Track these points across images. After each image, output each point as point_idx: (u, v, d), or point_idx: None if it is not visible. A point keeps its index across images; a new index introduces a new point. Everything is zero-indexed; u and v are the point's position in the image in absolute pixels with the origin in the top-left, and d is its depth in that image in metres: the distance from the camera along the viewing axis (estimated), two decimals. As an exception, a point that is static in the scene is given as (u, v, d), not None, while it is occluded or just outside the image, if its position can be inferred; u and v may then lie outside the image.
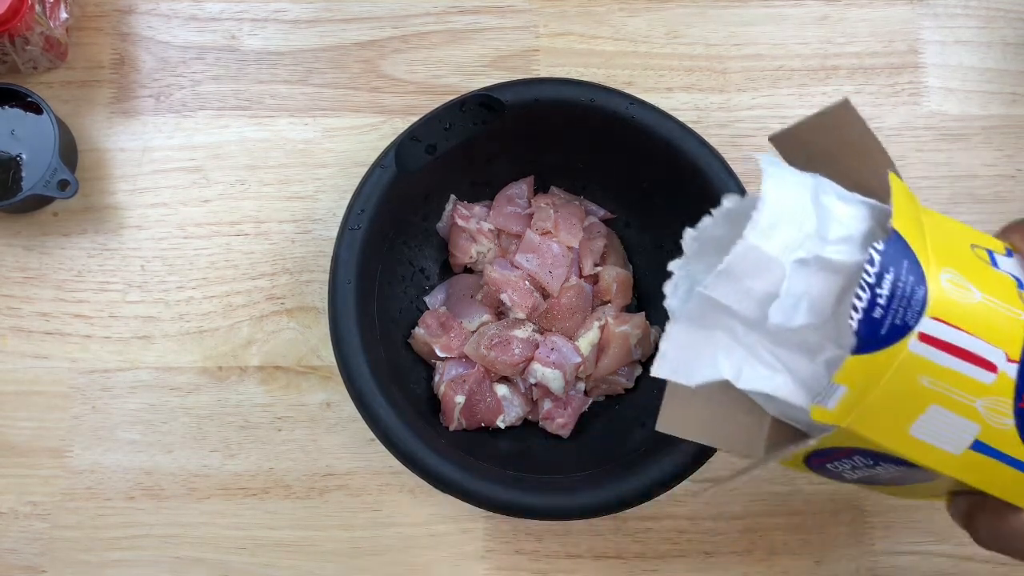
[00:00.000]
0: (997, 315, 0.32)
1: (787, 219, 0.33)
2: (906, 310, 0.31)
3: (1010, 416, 0.32)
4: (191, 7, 0.61)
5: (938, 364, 0.32)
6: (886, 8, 0.62)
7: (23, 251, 0.58)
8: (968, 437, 0.32)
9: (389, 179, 0.51)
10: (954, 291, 0.32)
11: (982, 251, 0.34)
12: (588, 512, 0.49)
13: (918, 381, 0.32)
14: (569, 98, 0.52)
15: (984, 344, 0.32)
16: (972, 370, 0.32)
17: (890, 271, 0.31)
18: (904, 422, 0.32)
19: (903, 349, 0.31)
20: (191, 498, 0.56)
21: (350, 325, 0.49)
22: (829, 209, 0.34)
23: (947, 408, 0.32)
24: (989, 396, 0.32)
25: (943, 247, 0.33)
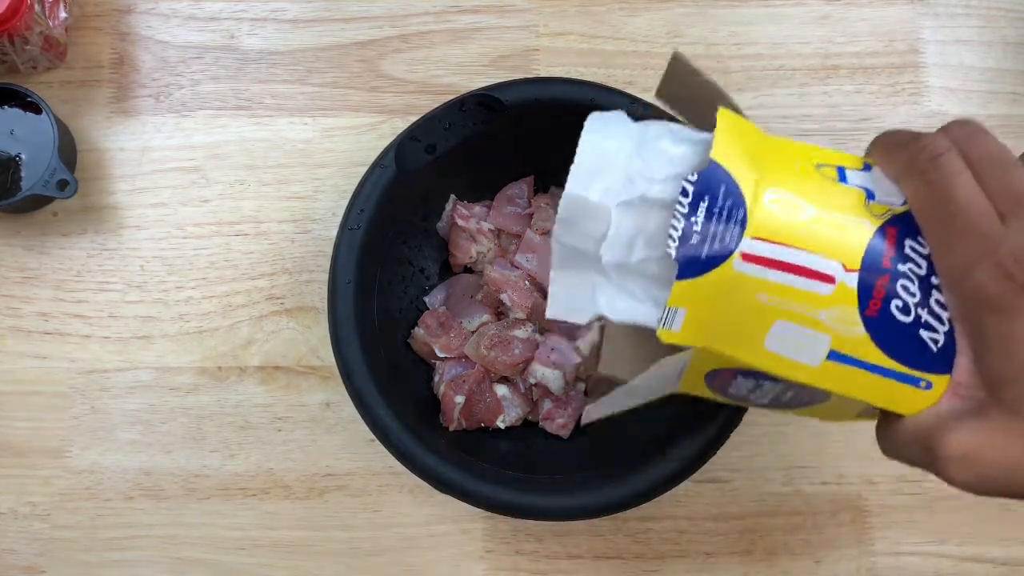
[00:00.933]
0: (833, 227, 0.33)
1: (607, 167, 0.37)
2: (725, 232, 0.33)
3: (859, 324, 0.33)
4: (190, 7, 0.61)
5: (771, 281, 0.33)
6: (887, 8, 0.62)
7: (22, 251, 0.58)
8: (822, 348, 0.33)
9: (389, 179, 0.51)
10: (780, 209, 0.33)
11: (831, 169, 0.35)
12: (588, 512, 0.49)
13: (756, 298, 0.33)
14: (569, 98, 0.52)
15: (816, 257, 0.33)
16: (807, 283, 0.33)
17: (705, 199, 0.33)
18: (756, 338, 0.34)
19: (728, 269, 0.33)
20: (191, 498, 0.56)
21: (350, 325, 0.49)
22: (663, 151, 0.37)
23: (792, 322, 0.33)
24: (831, 307, 0.33)
25: (778, 169, 0.35)
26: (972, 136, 0.33)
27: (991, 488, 0.31)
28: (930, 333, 0.32)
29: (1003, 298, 0.30)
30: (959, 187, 0.32)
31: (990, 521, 0.56)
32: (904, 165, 0.34)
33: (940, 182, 0.32)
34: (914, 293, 0.33)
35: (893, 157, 0.34)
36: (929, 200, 0.33)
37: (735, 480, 0.56)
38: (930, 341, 0.32)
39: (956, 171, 0.32)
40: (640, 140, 0.37)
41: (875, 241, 0.33)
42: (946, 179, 0.32)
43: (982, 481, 0.31)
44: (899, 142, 0.34)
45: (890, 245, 0.33)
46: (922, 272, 0.33)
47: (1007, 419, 0.31)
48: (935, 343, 0.32)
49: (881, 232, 0.33)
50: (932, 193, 0.32)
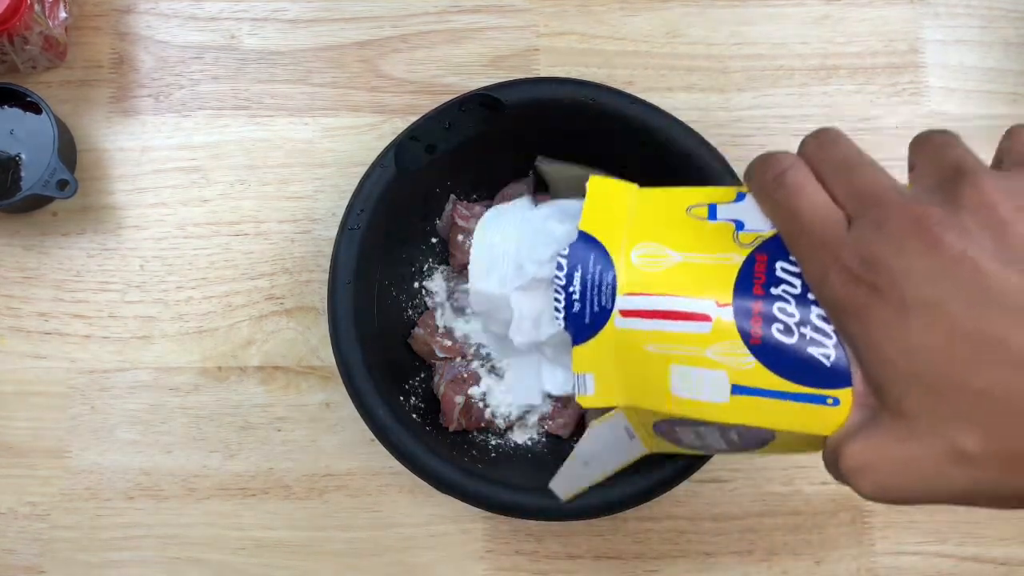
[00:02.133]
0: (699, 269, 0.35)
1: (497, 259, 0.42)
2: (600, 295, 0.36)
3: (747, 354, 0.33)
4: (190, 7, 0.61)
5: (652, 330, 0.35)
6: (887, 8, 0.62)
7: (22, 251, 0.58)
8: (723, 383, 0.34)
9: (389, 179, 0.51)
10: (646, 263, 0.36)
11: (702, 208, 0.36)
12: (588, 513, 0.49)
13: (645, 349, 0.35)
14: (569, 97, 0.52)
15: (686, 299, 0.34)
16: (685, 326, 0.34)
17: (578, 268, 0.36)
18: (661, 386, 0.35)
19: (612, 328, 0.35)
20: (190, 498, 0.56)
21: (349, 325, 0.49)
22: (549, 231, 0.41)
23: (684, 364, 0.34)
24: (716, 343, 0.34)
25: (647, 223, 0.37)
26: (822, 145, 0.33)
27: (894, 496, 0.30)
28: (819, 349, 0.32)
29: (855, 302, 0.30)
30: (802, 200, 0.32)
31: (990, 521, 0.56)
32: (756, 188, 0.34)
33: (784, 199, 0.32)
34: (792, 313, 0.33)
35: (750, 181, 0.35)
36: (780, 219, 0.33)
37: (735, 480, 0.57)
38: (822, 357, 0.32)
39: (800, 185, 0.32)
40: (530, 225, 0.42)
41: (744, 271, 0.34)
42: (790, 195, 0.32)
43: (883, 490, 0.30)
44: (755, 164, 0.35)
45: (760, 271, 0.34)
46: (797, 291, 0.33)
47: (894, 424, 0.29)
48: (827, 358, 0.32)
49: (750, 261, 0.34)
50: (780, 211, 0.33)
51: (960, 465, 0.28)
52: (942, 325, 0.28)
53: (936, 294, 0.28)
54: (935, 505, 0.56)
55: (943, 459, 0.28)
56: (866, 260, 0.29)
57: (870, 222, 0.30)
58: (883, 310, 0.29)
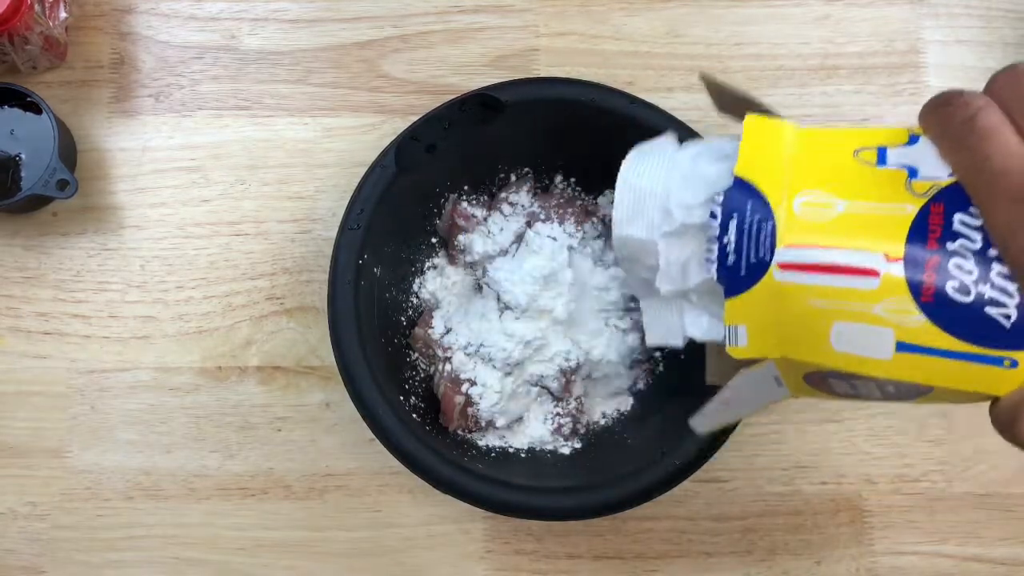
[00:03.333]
0: (867, 220, 0.33)
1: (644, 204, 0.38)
2: (758, 246, 0.34)
3: (917, 312, 0.32)
4: (191, 6, 0.61)
5: (815, 285, 0.33)
6: (887, 8, 0.62)
7: (22, 251, 0.58)
8: (888, 341, 0.32)
9: (389, 179, 0.51)
10: (810, 212, 0.33)
11: (870, 152, 0.34)
12: (588, 512, 0.49)
13: (808, 303, 0.33)
14: (569, 97, 0.52)
15: (853, 253, 0.32)
16: (851, 281, 0.32)
17: (734, 217, 0.34)
18: (822, 340, 0.33)
19: (770, 281, 0.33)
20: (190, 498, 0.56)
21: (349, 325, 0.49)
22: (700, 173, 0.37)
23: (849, 321, 0.33)
24: (883, 299, 0.32)
25: (811, 168, 0.34)
26: (1015, 84, 0.30)
27: None
28: (998, 309, 0.30)
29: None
30: (995, 147, 0.29)
31: (990, 521, 0.56)
32: (939, 131, 0.31)
33: (975, 145, 0.29)
34: (970, 271, 0.31)
35: (930, 123, 0.32)
36: (967, 167, 0.30)
37: (735, 480, 0.57)
38: (1001, 317, 0.30)
39: (992, 129, 0.29)
40: (677, 166, 0.38)
41: (917, 223, 0.32)
42: (981, 141, 0.29)
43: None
44: (936, 105, 0.31)
45: (936, 224, 0.31)
46: (976, 246, 0.31)
47: None
48: (1007, 319, 0.30)
49: (924, 212, 0.32)
50: (968, 158, 0.30)
51: None
52: None
53: None
54: (935, 505, 0.57)
55: None
56: None
57: None
58: None
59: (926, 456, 0.57)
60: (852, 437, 0.57)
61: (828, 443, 0.57)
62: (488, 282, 0.55)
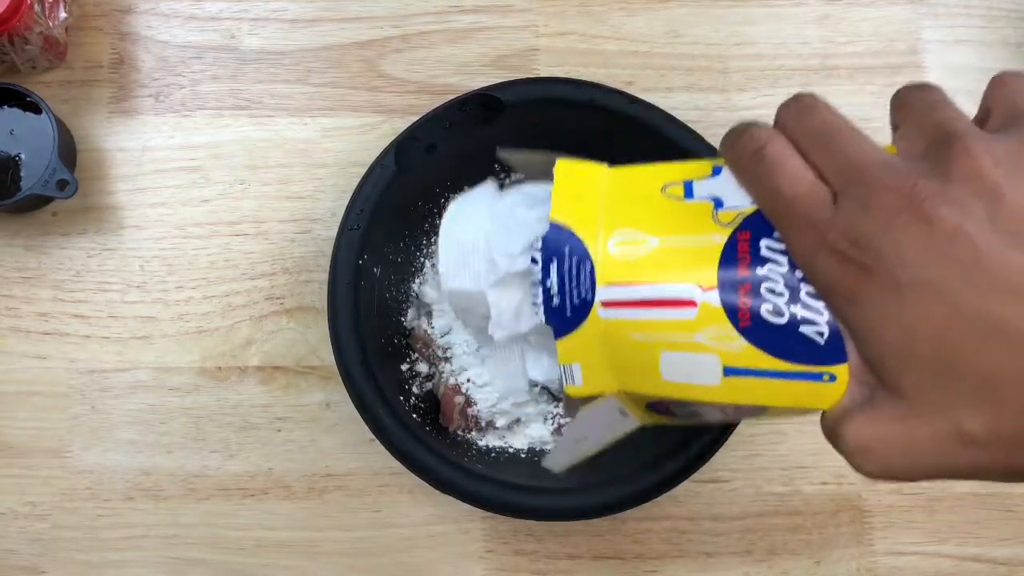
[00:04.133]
0: (680, 252, 0.34)
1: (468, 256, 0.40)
2: (579, 287, 0.35)
3: (738, 337, 0.32)
4: (190, 6, 0.61)
5: (636, 319, 0.34)
6: (887, 8, 0.62)
7: (22, 251, 0.58)
8: (715, 367, 0.33)
9: (389, 179, 0.51)
10: (625, 250, 0.34)
11: (677, 187, 0.35)
12: (588, 512, 0.49)
13: (633, 337, 0.34)
14: (569, 97, 0.52)
15: (668, 286, 0.33)
16: (671, 313, 0.33)
17: (553, 261, 0.35)
18: (652, 372, 0.34)
19: (595, 319, 0.34)
20: (190, 499, 0.56)
21: (349, 325, 0.49)
22: (519, 219, 0.39)
23: (674, 351, 0.33)
24: (703, 328, 0.33)
25: (623, 207, 0.35)
26: (799, 114, 0.31)
27: (898, 475, 0.29)
28: (811, 327, 0.31)
29: (846, 284, 0.28)
30: (782, 178, 0.30)
31: (990, 521, 0.56)
32: (733, 164, 0.32)
33: (764, 176, 0.30)
34: (781, 293, 0.32)
35: (727, 156, 0.33)
36: (761, 197, 0.31)
37: (735, 480, 0.57)
38: (814, 335, 0.31)
39: (779, 160, 0.30)
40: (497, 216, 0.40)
41: (727, 252, 0.33)
42: (768, 171, 0.30)
43: (888, 470, 0.29)
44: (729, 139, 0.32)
45: (744, 251, 0.33)
46: (784, 269, 0.32)
47: (894, 402, 0.28)
48: (820, 336, 0.31)
49: (732, 241, 0.33)
50: (761, 189, 0.31)
51: (966, 446, 0.27)
52: (940, 306, 0.27)
53: (931, 274, 0.27)
54: (935, 505, 0.57)
55: (947, 440, 0.27)
56: (855, 241, 0.28)
57: (856, 199, 0.28)
58: (876, 291, 0.28)
59: (926, 456, 0.57)
60: (852, 437, 0.57)
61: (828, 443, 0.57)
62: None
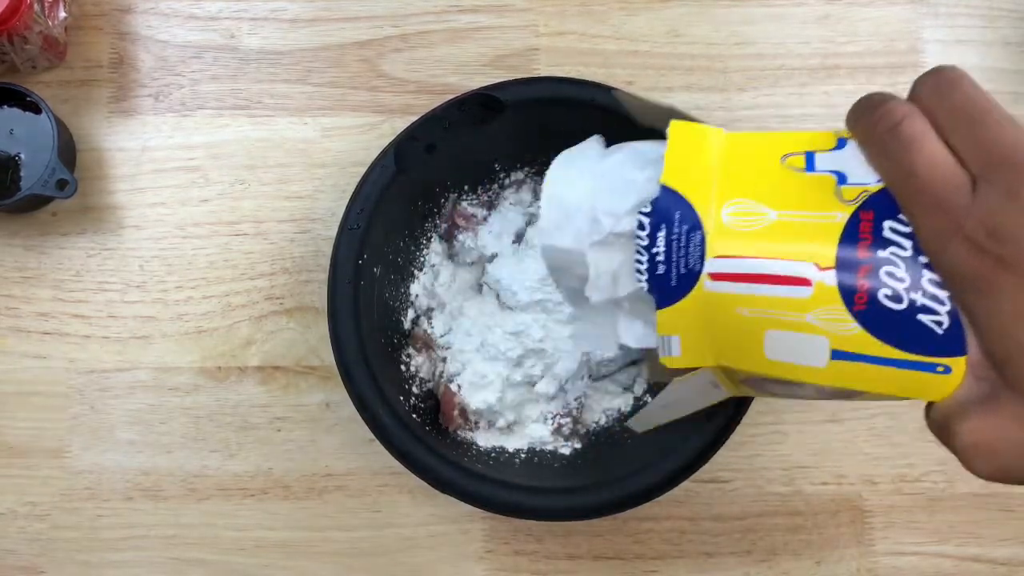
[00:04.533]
0: (798, 228, 0.32)
1: (571, 214, 0.37)
2: (687, 257, 0.33)
3: (851, 320, 0.31)
4: (190, 6, 0.61)
5: (746, 294, 0.32)
6: (887, 7, 0.62)
7: (22, 251, 0.58)
8: (823, 349, 0.32)
9: (388, 179, 0.51)
10: (738, 222, 0.33)
11: (798, 158, 0.33)
12: (588, 512, 0.49)
13: (741, 313, 0.33)
14: (569, 97, 0.52)
15: (784, 263, 0.32)
16: (783, 290, 0.32)
17: (662, 228, 0.34)
18: (755, 349, 0.33)
19: (700, 292, 0.33)
20: (190, 499, 0.56)
21: (349, 325, 0.49)
22: (627, 179, 0.36)
23: (781, 329, 0.32)
24: (816, 308, 0.32)
25: (739, 175, 0.34)
26: (940, 90, 0.29)
27: (1016, 477, 0.28)
28: (930, 316, 0.30)
29: (980, 275, 0.27)
30: (919, 157, 0.28)
31: (990, 521, 0.56)
32: (865, 138, 0.31)
33: (899, 154, 0.29)
34: (902, 278, 0.30)
35: (856, 129, 0.31)
36: (893, 175, 0.30)
37: (735, 480, 0.56)
38: (933, 324, 0.30)
39: (916, 138, 0.29)
40: (604, 173, 0.37)
41: (848, 231, 0.31)
42: (905, 149, 0.29)
43: (1004, 472, 0.28)
44: (862, 110, 0.31)
45: (866, 231, 0.31)
46: (907, 253, 0.30)
47: (1016, 402, 0.27)
48: (939, 325, 0.30)
49: (854, 220, 0.31)
50: (894, 167, 0.29)
51: None
52: None
53: None
54: (936, 505, 0.56)
55: None
56: (993, 231, 0.27)
57: (1000, 188, 0.27)
58: (1012, 286, 0.27)
59: (927, 456, 0.57)
60: (852, 437, 0.57)
61: (828, 443, 0.57)
62: (488, 282, 0.55)
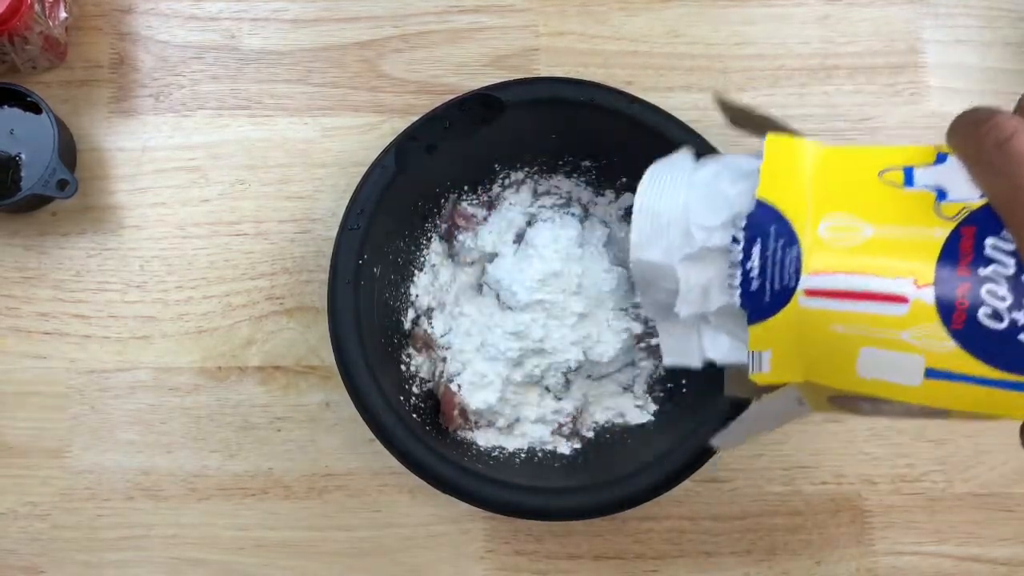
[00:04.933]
0: (897, 244, 0.32)
1: (663, 226, 0.36)
2: (783, 272, 0.33)
3: (948, 339, 0.31)
4: (190, 6, 0.61)
5: (841, 311, 0.32)
6: (887, 8, 0.62)
7: (22, 251, 0.58)
8: (917, 367, 0.31)
9: (388, 179, 0.51)
10: (836, 237, 0.32)
11: (896, 172, 0.33)
12: (588, 512, 0.49)
13: (835, 330, 0.32)
14: (569, 97, 0.52)
15: (881, 280, 0.31)
16: (879, 307, 0.31)
17: (757, 241, 0.33)
18: (847, 367, 0.32)
19: (795, 307, 0.32)
20: (190, 498, 0.56)
21: (349, 325, 0.49)
22: (720, 192, 0.36)
23: (876, 347, 0.32)
24: (913, 326, 0.31)
25: (836, 190, 0.33)
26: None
27: None
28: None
29: None
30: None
31: (990, 521, 0.56)
32: (970, 153, 0.31)
33: (1010, 171, 0.29)
34: (1003, 296, 0.30)
35: (960, 144, 0.31)
36: (999, 192, 0.29)
37: (735, 480, 0.56)
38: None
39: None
40: (696, 186, 0.37)
41: (948, 248, 0.31)
42: (1016, 166, 0.28)
43: None
44: (966, 125, 0.31)
45: (967, 249, 0.31)
46: (1010, 271, 0.30)
47: None
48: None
49: (955, 236, 0.31)
50: (1002, 184, 0.29)
51: None
52: None
53: None
54: (935, 505, 0.57)
55: None
56: None
57: None
58: None
59: (926, 456, 0.57)
60: (852, 437, 0.57)
61: (828, 443, 0.57)
62: (488, 281, 0.55)
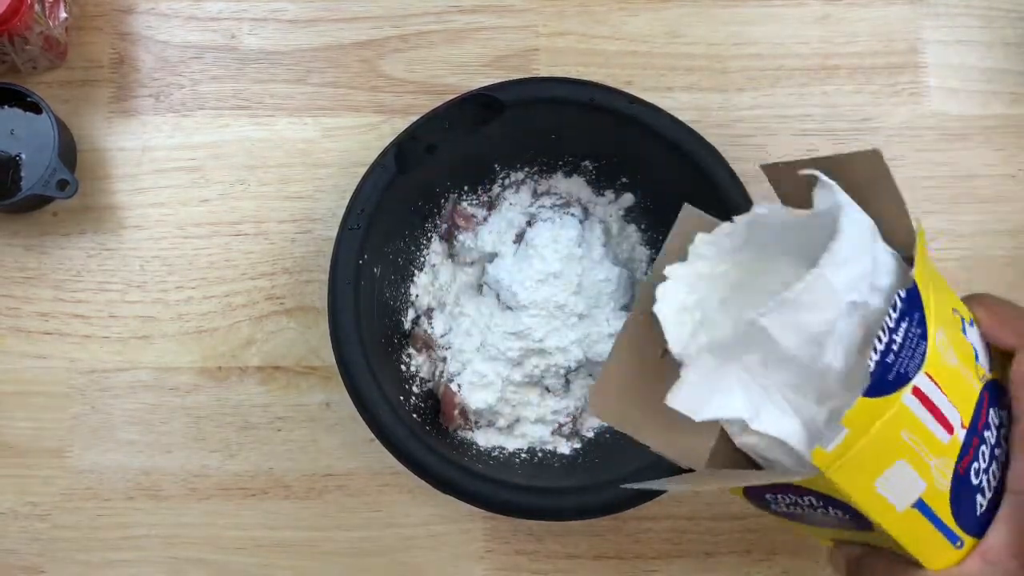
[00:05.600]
0: (962, 381, 0.34)
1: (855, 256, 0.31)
2: (909, 361, 0.32)
3: (948, 478, 0.33)
4: (190, 6, 0.61)
5: (917, 418, 0.32)
6: (887, 7, 0.62)
7: (22, 251, 0.58)
8: (916, 494, 0.33)
9: (389, 179, 0.51)
10: (942, 351, 0.33)
11: (959, 317, 0.35)
12: (588, 512, 0.49)
13: (899, 433, 0.32)
14: (569, 97, 0.52)
15: (951, 406, 0.33)
16: (937, 429, 0.33)
17: (905, 320, 0.32)
18: (874, 474, 0.32)
19: (898, 399, 0.32)
20: (191, 498, 0.56)
21: (349, 325, 0.49)
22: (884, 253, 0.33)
23: (910, 463, 0.33)
24: (941, 456, 0.33)
25: (938, 307, 0.34)
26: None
27: None
28: (981, 498, 0.34)
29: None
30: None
31: (990, 521, 0.56)
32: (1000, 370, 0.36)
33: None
34: (985, 459, 0.34)
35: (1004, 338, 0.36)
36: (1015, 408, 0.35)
37: (735, 480, 0.56)
38: (979, 505, 0.34)
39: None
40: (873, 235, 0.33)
41: (979, 402, 0.34)
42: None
43: None
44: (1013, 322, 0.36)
45: (984, 409, 0.34)
46: (993, 441, 0.34)
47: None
48: (981, 507, 0.33)
49: (982, 394, 0.34)
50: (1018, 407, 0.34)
51: None
52: None
53: None
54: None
55: None
56: None
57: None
58: None
59: (926, 456, 0.57)
60: (852, 437, 0.57)
61: (828, 443, 0.57)
62: (488, 281, 0.55)
